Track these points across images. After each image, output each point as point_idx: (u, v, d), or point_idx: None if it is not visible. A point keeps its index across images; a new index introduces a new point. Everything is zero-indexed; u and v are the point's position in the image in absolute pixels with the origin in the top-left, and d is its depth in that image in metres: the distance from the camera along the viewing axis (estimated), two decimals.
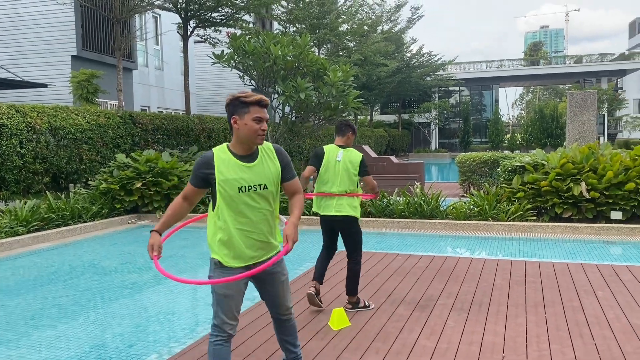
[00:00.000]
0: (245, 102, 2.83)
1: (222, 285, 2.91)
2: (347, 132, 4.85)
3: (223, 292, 2.93)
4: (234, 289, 2.93)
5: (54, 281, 6.35)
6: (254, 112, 2.82)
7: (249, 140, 2.85)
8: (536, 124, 37.91)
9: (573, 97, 12.16)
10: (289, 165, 3.01)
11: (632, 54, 50.33)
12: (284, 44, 13.04)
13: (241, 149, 2.89)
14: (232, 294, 2.93)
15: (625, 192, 8.72)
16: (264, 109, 2.86)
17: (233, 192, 2.85)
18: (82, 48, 16.93)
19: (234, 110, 2.86)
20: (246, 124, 2.81)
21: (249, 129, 2.82)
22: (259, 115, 2.82)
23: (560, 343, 3.87)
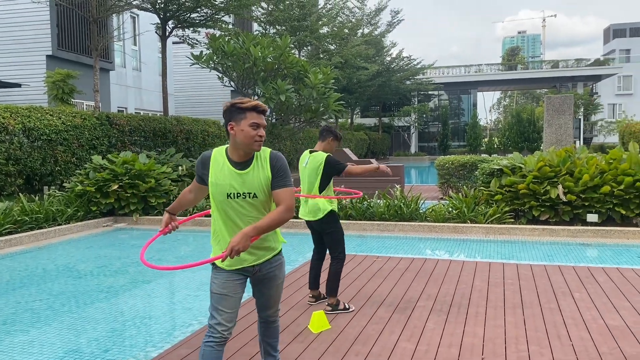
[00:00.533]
0: (241, 108, 2.79)
1: (217, 284, 2.90)
2: (328, 138, 4.87)
3: (218, 292, 2.89)
4: (228, 288, 2.89)
5: (27, 285, 6.20)
6: (251, 118, 2.78)
7: (246, 147, 2.81)
8: (513, 128, 38.38)
9: (550, 101, 12.34)
10: (279, 174, 2.86)
11: (607, 60, 51.40)
12: (264, 46, 13.00)
13: (237, 155, 2.85)
14: (226, 293, 2.88)
15: (601, 195, 8.85)
16: (261, 115, 2.82)
17: (222, 197, 2.84)
18: (57, 48, 16.64)
19: (231, 116, 2.82)
20: (242, 130, 2.77)
21: (245, 135, 2.77)
22: (255, 121, 2.78)
23: (538, 344, 3.89)
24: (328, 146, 4.87)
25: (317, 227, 4.86)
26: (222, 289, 2.89)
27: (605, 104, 53.18)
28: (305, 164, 4.84)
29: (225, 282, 2.90)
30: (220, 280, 2.91)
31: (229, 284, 2.90)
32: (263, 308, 3.16)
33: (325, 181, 4.74)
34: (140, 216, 10.73)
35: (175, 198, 11.25)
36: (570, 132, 11.94)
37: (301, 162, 4.92)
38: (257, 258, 2.94)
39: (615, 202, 8.83)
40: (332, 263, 4.77)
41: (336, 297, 4.76)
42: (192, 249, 8.45)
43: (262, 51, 12.77)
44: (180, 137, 16.09)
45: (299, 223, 9.75)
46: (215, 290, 2.91)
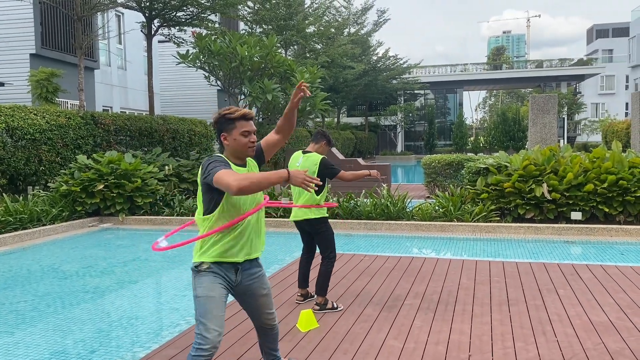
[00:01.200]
0: (230, 118, 2.89)
1: (203, 288, 2.85)
2: (321, 141, 4.95)
3: (205, 294, 2.84)
4: (215, 290, 2.86)
5: (11, 286, 6.13)
6: (240, 126, 2.89)
7: (241, 154, 2.95)
8: (499, 127, 38.71)
9: (535, 101, 12.46)
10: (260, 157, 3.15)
11: (590, 60, 52.02)
12: (250, 45, 12.97)
13: (235, 159, 2.97)
14: (214, 295, 2.85)
15: (585, 194, 8.96)
16: (249, 121, 2.93)
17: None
18: (41, 46, 16.46)
19: (222, 127, 2.93)
20: (235, 139, 2.90)
21: (238, 143, 2.90)
22: (246, 129, 2.90)
23: (524, 341, 3.93)
24: (320, 149, 4.94)
25: (307, 228, 4.87)
26: (210, 291, 2.84)
27: (588, 103, 53.83)
28: (298, 163, 4.86)
29: (211, 284, 2.86)
30: (205, 283, 2.86)
31: (215, 286, 2.86)
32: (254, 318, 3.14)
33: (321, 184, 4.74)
34: (127, 216, 10.66)
35: (162, 198, 11.21)
36: (555, 131, 12.08)
37: (293, 162, 4.94)
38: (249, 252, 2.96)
39: (598, 200, 8.95)
40: (323, 263, 4.79)
41: (325, 296, 4.77)
42: (179, 248, 8.39)
43: (248, 50, 12.75)
44: (166, 137, 16.00)
45: (286, 222, 9.75)
46: (202, 294, 2.84)
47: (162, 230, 10.05)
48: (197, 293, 2.86)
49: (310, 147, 4.97)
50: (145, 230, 10.12)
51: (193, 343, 2.80)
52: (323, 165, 4.74)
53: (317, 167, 4.74)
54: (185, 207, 10.74)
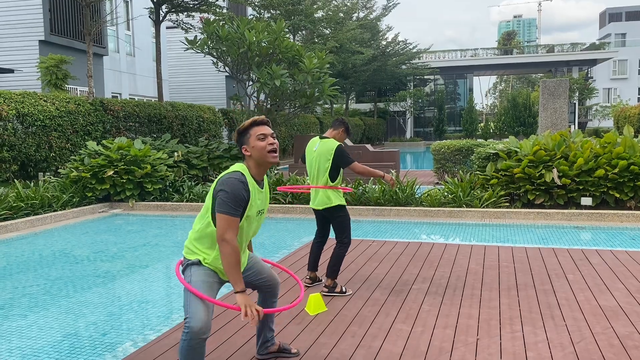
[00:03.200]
0: (243, 129, 2.92)
1: (198, 273, 2.86)
2: (340, 128, 4.98)
3: (202, 279, 2.84)
4: (213, 277, 2.91)
5: (24, 270, 6.21)
6: (254, 132, 2.89)
7: (263, 161, 2.89)
8: (509, 113, 38.42)
9: (545, 85, 12.33)
10: None
11: (603, 44, 51.31)
12: (258, 30, 12.90)
13: (258, 173, 2.93)
14: (211, 281, 2.88)
15: (595, 179, 8.90)
16: (263, 126, 2.91)
17: (254, 214, 2.93)
18: (50, 33, 16.48)
19: (241, 142, 2.94)
20: (254, 147, 2.87)
21: (257, 149, 2.87)
22: (261, 133, 2.88)
23: (532, 325, 3.94)
24: (338, 136, 4.97)
25: (326, 214, 4.89)
26: (207, 277, 2.86)
27: (600, 88, 53.22)
28: (315, 148, 4.90)
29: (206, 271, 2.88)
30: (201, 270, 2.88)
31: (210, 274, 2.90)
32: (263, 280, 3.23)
33: (335, 172, 4.80)
34: (136, 202, 10.73)
35: (171, 184, 11.26)
36: (566, 116, 11.96)
37: (310, 147, 4.98)
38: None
39: (609, 185, 8.89)
40: (337, 246, 4.81)
41: (334, 279, 4.79)
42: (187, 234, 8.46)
43: (256, 35, 12.68)
44: (175, 123, 16.05)
45: (295, 208, 9.78)
46: (199, 279, 2.82)
47: (171, 215, 10.12)
48: (192, 278, 2.84)
49: (328, 132, 5.00)
50: (155, 215, 10.19)
51: (184, 328, 2.77)
52: (339, 153, 4.76)
53: (332, 154, 4.76)
54: (195, 194, 10.79)
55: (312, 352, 3.57)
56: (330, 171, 4.77)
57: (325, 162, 4.77)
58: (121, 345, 3.91)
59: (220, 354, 3.58)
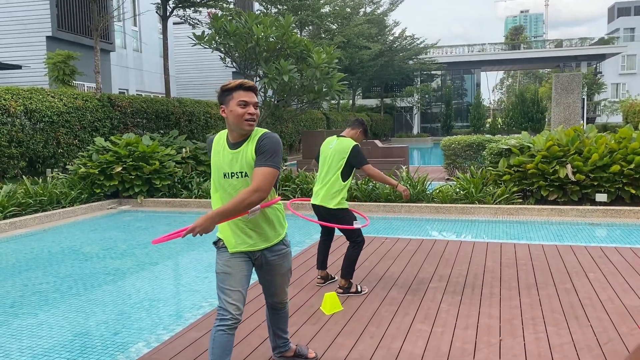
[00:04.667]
0: (227, 88, 2.77)
1: (220, 264, 2.85)
2: (358, 129, 4.90)
3: (222, 270, 2.85)
4: (233, 266, 2.84)
5: (33, 268, 6.14)
6: (238, 96, 2.73)
7: (237, 127, 2.76)
8: (517, 108, 38.14)
9: (558, 80, 12.15)
10: (262, 152, 2.72)
11: (611, 39, 50.83)
12: (266, 25, 12.78)
13: (232, 136, 2.83)
14: (231, 271, 2.83)
15: (610, 175, 8.75)
16: (249, 92, 2.76)
17: (219, 178, 2.84)
18: (57, 28, 16.42)
19: (221, 100, 2.81)
20: (231, 111, 2.73)
21: (234, 115, 2.72)
22: (243, 99, 2.73)
23: (556, 325, 3.82)
24: (356, 136, 4.88)
25: (324, 214, 4.74)
26: (227, 267, 2.84)
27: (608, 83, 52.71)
28: (331, 146, 4.80)
29: (229, 260, 2.85)
30: (224, 258, 2.87)
31: (232, 261, 2.85)
32: (268, 295, 3.13)
33: (347, 171, 4.69)
34: (145, 198, 10.66)
35: (180, 181, 11.18)
36: (579, 111, 11.77)
37: (327, 144, 4.89)
38: (254, 244, 2.87)
39: (624, 181, 8.73)
40: (350, 247, 4.70)
41: (349, 280, 4.69)
42: None
43: (264, 30, 12.55)
44: (182, 119, 15.97)
45: (306, 204, 9.67)
46: (219, 270, 2.86)
47: (180, 212, 10.04)
48: (216, 269, 2.89)
49: (346, 132, 4.93)
50: (163, 212, 10.12)
51: (216, 315, 2.83)
52: (355, 152, 4.66)
53: (348, 153, 4.65)
54: (204, 190, 10.71)
55: (330, 353, 3.47)
56: (343, 169, 4.66)
57: (340, 160, 4.67)
58: (133, 345, 3.82)
59: (235, 355, 3.49)
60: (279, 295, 3.11)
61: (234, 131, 2.79)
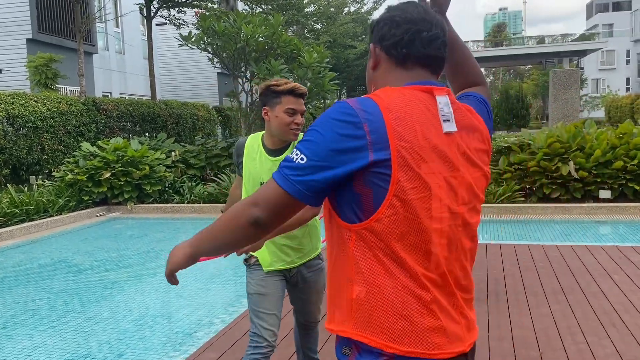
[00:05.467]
0: (276, 91, 2.48)
1: (253, 284, 2.59)
2: None
3: (257, 292, 2.58)
4: (268, 286, 2.58)
5: (24, 283, 5.78)
6: (287, 102, 2.46)
7: (280, 135, 2.52)
8: (502, 105, 38.22)
9: (556, 75, 12.04)
10: None
11: (592, 35, 51.37)
12: (255, 24, 12.48)
13: (271, 142, 2.58)
14: (266, 292, 2.58)
15: (613, 171, 8.62)
16: (299, 99, 2.49)
17: (255, 186, 2.57)
18: (37, 31, 15.90)
19: (265, 100, 2.52)
20: (277, 117, 2.47)
21: (279, 122, 2.47)
22: (292, 107, 2.46)
23: (595, 334, 3.60)
24: None
25: None
26: (262, 287, 2.58)
27: (589, 79, 53.30)
28: None
29: (263, 280, 2.59)
30: (257, 277, 2.60)
31: (268, 281, 2.59)
32: (301, 314, 2.85)
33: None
34: (135, 204, 10.29)
35: (170, 185, 10.83)
36: (577, 107, 11.68)
37: None
38: (292, 261, 2.63)
39: (628, 177, 8.61)
40: None
41: None
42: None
43: (253, 30, 12.25)
44: (169, 122, 15.58)
45: None
46: (253, 291, 2.59)
47: (172, 218, 9.70)
48: (248, 290, 2.62)
49: None
50: (155, 218, 9.77)
51: (249, 341, 2.56)
52: None
53: None
54: (196, 194, 10.37)
55: None
56: None
57: None
58: None
59: None
60: (313, 313, 2.84)
61: (275, 137, 2.55)
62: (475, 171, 1.32)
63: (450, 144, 1.27)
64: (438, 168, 1.23)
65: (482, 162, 1.36)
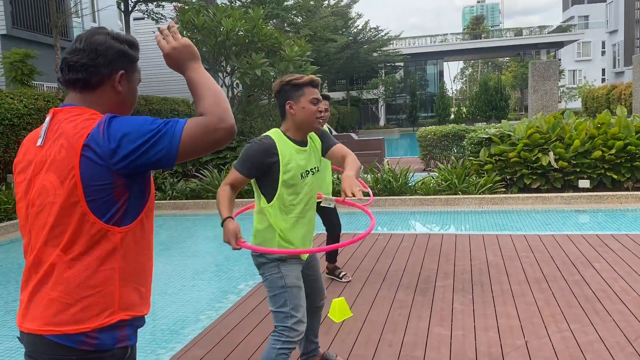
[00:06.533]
0: (297, 84, 2.62)
1: (292, 277, 2.62)
2: None
3: (295, 284, 2.62)
4: (300, 280, 2.68)
5: (3, 283, 5.68)
6: (310, 93, 2.61)
7: (308, 125, 2.63)
8: (481, 97, 38.53)
9: (535, 67, 12.15)
10: (324, 135, 2.84)
11: (569, 26, 51.99)
12: (235, 18, 12.37)
13: (298, 134, 2.66)
14: (301, 285, 2.66)
15: (592, 161, 8.76)
16: (317, 88, 2.65)
17: (297, 179, 2.62)
18: (12, 26, 15.56)
19: (287, 95, 2.64)
20: (304, 108, 2.61)
21: (306, 112, 2.61)
22: (315, 97, 2.61)
23: (578, 322, 3.66)
24: None
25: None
26: (298, 281, 2.65)
27: (565, 70, 53.98)
28: None
29: (299, 274, 2.68)
30: (295, 272, 2.65)
31: (299, 275, 2.69)
32: (315, 293, 2.95)
33: None
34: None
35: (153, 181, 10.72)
36: (556, 98, 11.81)
37: None
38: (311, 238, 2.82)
39: (606, 167, 8.76)
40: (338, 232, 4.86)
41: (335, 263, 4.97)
42: (173, 234, 7.98)
43: (233, 24, 12.15)
44: None
45: None
46: (292, 284, 2.61)
47: (155, 215, 9.60)
48: (285, 282, 2.61)
49: None
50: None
51: (276, 335, 2.55)
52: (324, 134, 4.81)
53: None
54: (178, 191, 10.28)
55: None
56: None
57: None
58: None
59: None
60: (322, 289, 2.99)
61: (302, 129, 2.65)
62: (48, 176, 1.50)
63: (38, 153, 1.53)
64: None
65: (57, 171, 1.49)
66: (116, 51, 1.56)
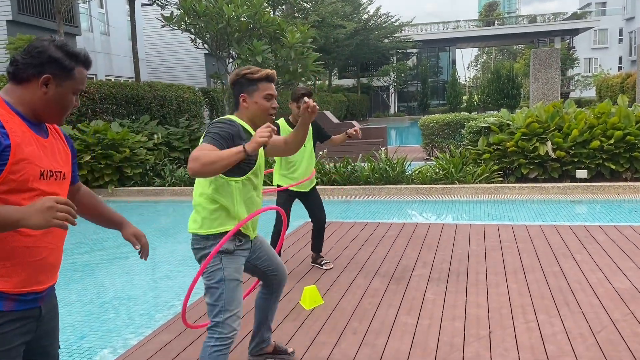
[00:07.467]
0: (252, 78, 2.59)
1: (232, 270, 2.55)
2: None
3: (235, 277, 2.56)
4: (241, 275, 2.62)
5: None
6: (264, 89, 2.59)
7: (260, 119, 2.61)
8: (493, 85, 38.12)
9: (536, 55, 11.98)
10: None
11: (584, 13, 51.08)
12: (237, 4, 12.34)
13: (252, 126, 2.65)
14: (240, 278, 2.60)
15: (590, 151, 8.66)
16: (272, 84, 2.62)
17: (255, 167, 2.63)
18: (18, 12, 15.66)
19: (242, 88, 2.60)
20: (256, 103, 2.59)
21: (259, 107, 2.59)
22: (269, 92, 2.59)
23: (547, 313, 3.65)
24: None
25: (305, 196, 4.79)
26: (239, 275, 2.59)
27: (581, 58, 53.14)
28: None
29: (240, 268, 2.62)
30: (238, 264, 2.59)
31: (241, 270, 2.63)
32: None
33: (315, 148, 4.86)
34: (116, 187, 10.27)
35: (152, 168, 10.80)
36: (558, 87, 11.64)
37: None
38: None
39: (604, 157, 8.65)
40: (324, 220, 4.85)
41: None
42: (172, 220, 8.06)
43: (235, 10, 12.12)
44: (154, 104, 15.45)
45: None
46: (231, 277, 2.53)
47: (155, 201, 9.70)
48: (224, 275, 2.51)
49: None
50: (136, 201, 9.76)
51: (210, 332, 2.49)
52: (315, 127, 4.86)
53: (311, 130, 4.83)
54: (177, 177, 10.36)
55: (312, 353, 3.25)
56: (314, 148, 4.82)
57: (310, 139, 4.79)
58: (100, 350, 3.55)
59: None
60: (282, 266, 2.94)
61: (253, 122, 2.62)
62: None
63: None
64: None
65: None
66: (47, 56, 1.72)
